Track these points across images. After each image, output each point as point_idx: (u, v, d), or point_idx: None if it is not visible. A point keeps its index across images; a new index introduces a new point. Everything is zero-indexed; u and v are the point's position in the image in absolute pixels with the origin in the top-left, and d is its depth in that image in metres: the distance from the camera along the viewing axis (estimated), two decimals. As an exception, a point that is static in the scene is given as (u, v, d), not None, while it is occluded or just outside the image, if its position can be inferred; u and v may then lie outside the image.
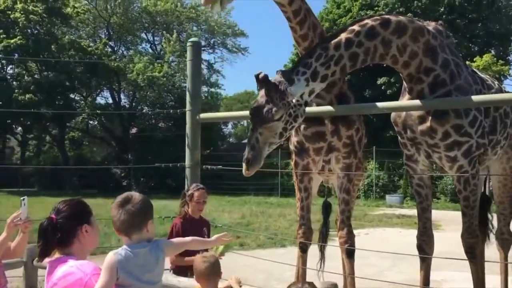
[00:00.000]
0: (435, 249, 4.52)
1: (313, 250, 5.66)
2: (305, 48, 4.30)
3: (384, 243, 11.12)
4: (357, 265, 4.83)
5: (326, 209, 6.04)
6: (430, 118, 4.04)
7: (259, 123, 3.43)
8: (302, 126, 4.68)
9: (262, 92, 3.47)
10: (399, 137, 4.47)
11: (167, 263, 3.72)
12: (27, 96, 27.56)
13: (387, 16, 3.77)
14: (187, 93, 4.94)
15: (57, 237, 2.23)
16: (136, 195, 2.37)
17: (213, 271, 3.08)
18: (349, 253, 4.75)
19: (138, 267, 2.28)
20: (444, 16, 26.10)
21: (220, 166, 4.97)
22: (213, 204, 19.43)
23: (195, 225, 4.24)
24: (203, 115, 4.87)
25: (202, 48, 36.78)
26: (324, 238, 5.97)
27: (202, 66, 36.24)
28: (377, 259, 8.23)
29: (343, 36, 3.60)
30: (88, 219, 2.34)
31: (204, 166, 4.91)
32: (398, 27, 3.71)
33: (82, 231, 2.29)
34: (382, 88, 26.18)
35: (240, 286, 3.17)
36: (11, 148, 39.28)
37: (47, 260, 2.25)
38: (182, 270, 3.99)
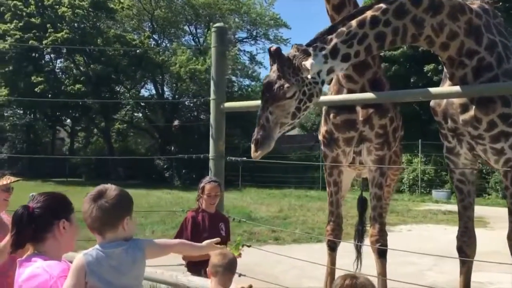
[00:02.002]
0: (480, 248, 4.14)
1: (346, 247, 5.35)
2: (333, 6, 3.99)
3: (427, 240, 10.59)
4: (396, 263, 4.51)
5: (362, 204, 5.72)
6: (473, 106, 3.66)
7: (269, 101, 3.14)
8: (332, 114, 4.37)
9: (275, 67, 3.17)
10: (439, 128, 4.09)
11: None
12: (77, 86, 28.41)
13: None
14: (211, 81, 4.73)
15: (32, 228, 2.01)
16: (111, 188, 2.11)
17: (228, 268, 2.93)
18: (381, 253, 4.42)
19: (111, 269, 2.05)
20: (500, 4, 24.59)
21: (245, 158, 4.74)
22: (252, 197, 19.30)
23: (209, 220, 4.02)
24: (227, 104, 4.66)
25: (244, 40, 36.99)
26: (360, 236, 5.66)
27: (244, 58, 36.35)
28: (418, 258, 7.80)
29: (368, 13, 3.26)
30: (67, 215, 2.12)
31: (228, 158, 4.70)
32: (432, 4, 3.32)
33: (59, 227, 2.06)
34: (429, 75, 25.05)
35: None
36: (61, 139, 40.69)
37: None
38: (197, 266, 3.76)
